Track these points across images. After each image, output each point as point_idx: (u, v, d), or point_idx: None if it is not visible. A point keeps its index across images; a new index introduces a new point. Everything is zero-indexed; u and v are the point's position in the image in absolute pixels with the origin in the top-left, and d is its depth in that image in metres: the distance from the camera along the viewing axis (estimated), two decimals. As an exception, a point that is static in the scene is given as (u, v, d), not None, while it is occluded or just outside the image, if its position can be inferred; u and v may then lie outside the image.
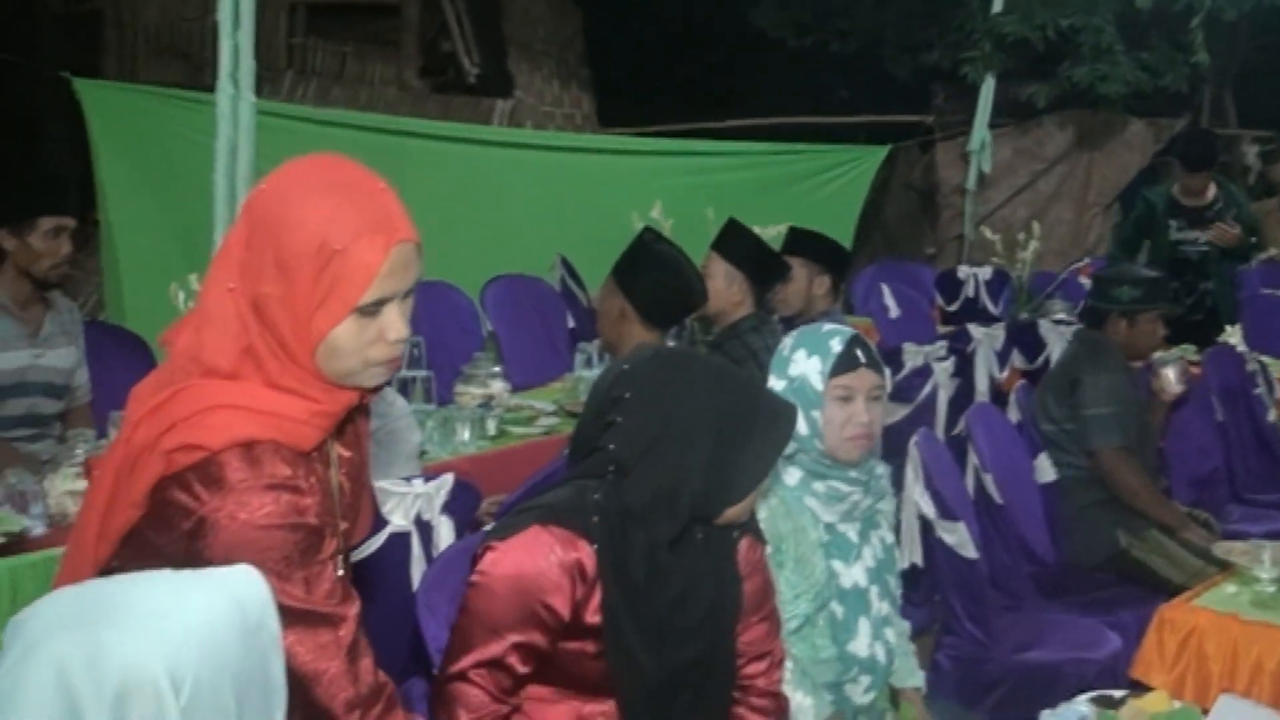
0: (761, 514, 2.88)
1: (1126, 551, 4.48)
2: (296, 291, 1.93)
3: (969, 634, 3.87)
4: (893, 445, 4.69)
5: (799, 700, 2.90)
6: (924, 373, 5.19)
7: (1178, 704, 2.69)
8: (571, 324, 6.80)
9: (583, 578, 2.38)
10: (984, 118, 9.27)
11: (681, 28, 12.37)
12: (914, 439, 3.98)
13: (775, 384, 2.98)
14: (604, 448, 2.47)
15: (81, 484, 3.76)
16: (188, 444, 1.91)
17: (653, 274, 4.05)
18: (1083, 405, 4.51)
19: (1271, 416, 5.80)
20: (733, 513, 2.49)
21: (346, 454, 2.16)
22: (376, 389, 2.09)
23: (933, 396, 5.16)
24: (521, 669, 2.40)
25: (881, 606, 3.09)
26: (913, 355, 5.34)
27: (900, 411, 4.94)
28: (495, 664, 2.37)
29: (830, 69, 11.55)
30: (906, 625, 3.25)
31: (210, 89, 4.97)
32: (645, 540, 2.42)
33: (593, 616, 2.40)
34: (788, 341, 3.07)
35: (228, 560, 1.78)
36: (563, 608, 2.37)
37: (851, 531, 3.07)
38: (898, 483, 4.19)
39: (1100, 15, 9.24)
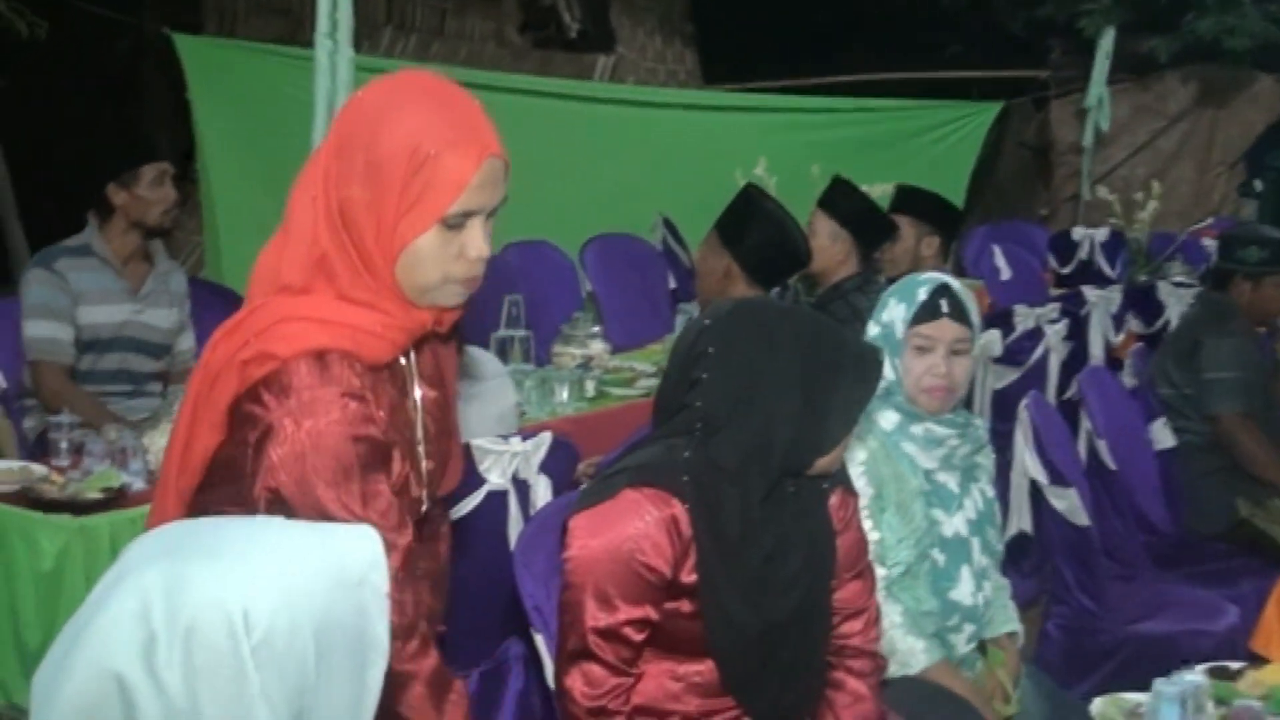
0: (860, 457, 2.92)
1: (1247, 521, 4.41)
2: (386, 195, 1.95)
3: (1079, 604, 3.85)
4: (1003, 409, 4.70)
5: (910, 644, 2.93)
6: (1035, 335, 5.14)
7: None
8: (672, 284, 6.80)
9: (678, 535, 2.40)
10: (1102, 73, 9.09)
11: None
12: (1024, 402, 3.95)
13: (870, 330, 3.02)
14: (690, 405, 2.49)
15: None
16: (260, 353, 1.94)
17: (758, 231, 4.05)
18: (1204, 369, 4.46)
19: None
20: (823, 463, 2.51)
21: (431, 393, 2.16)
22: (454, 313, 2.10)
23: (1044, 360, 5.10)
24: (637, 637, 2.42)
25: (982, 559, 3.11)
26: (1024, 318, 5.29)
27: (1010, 375, 4.90)
28: (611, 634, 2.39)
29: (941, 22, 11.39)
30: (1006, 582, 3.26)
31: (309, 45, 5.02)
32: (737, 496, 2.44)
33: (688, 575, 2.42)
34: (888, 285, 3.16)
35: (291, 469, 1.90)
36: (664, 566, 2.39)
37: (952, 482, 3.09)
38: (1007, 447, 4.18)
39: (1227, -37, 9.06)
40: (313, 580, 1.33)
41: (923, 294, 3.00)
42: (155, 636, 1.26)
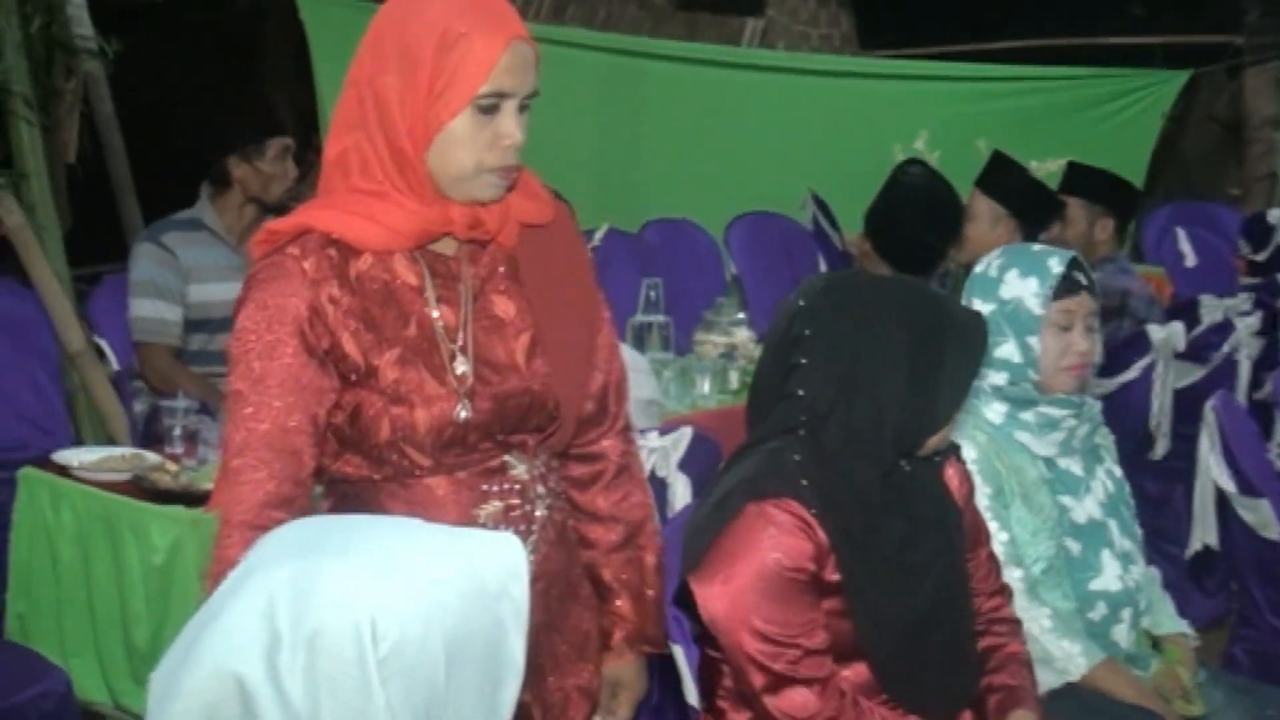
0: (972, 455, 2.91)
1: None
2: (417, 78, 2.08)
3: (1269, 626, 3.77)
4: (1186, 410, 4.62)
5: (1065, 648, 2.92)
6: (1224, 329, 5.03)
7: None
8: (823, 267, 6.78)
9: (812, 536, 2.43)
10: (1306, 38, 8.93)
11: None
12: (1210, 402, 3.89)
13: (981, 308, 2.97)
14: (792, 394, 2.51)
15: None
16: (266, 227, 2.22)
17: (896, 207, 4.04)
18: None
19: None
20: (935, 440, 2.53)
21: (507, 308, 2.26)
22: (495, 223, 2.20)
23: (1233, 357, 4.98)
24: (817, 642, 2.44)
25: (1124, 542, 3.10)
26: (1211, 309, 5.20)
27: (1195, 373, 4.81)
28: (795, 660, 2.42)
29: (1123, -18, 11.23)
30: (1156, 572, 3.24)
31: None
32: (856, 487, 2.46)
33: (831, 574, 2.46)
34: (993, 261, 3.10)
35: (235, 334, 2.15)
36: (809, 564, 2.43)
37: (1075, 465, 3.10)
38: (1190, 453, 4.12)
39: None
40: (448, 589, 1.35)
41: (1057, 266, 3.02)
42: (280, 638, 1.28)
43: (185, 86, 9.88)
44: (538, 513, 2.28)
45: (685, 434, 3.44)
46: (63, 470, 3.78)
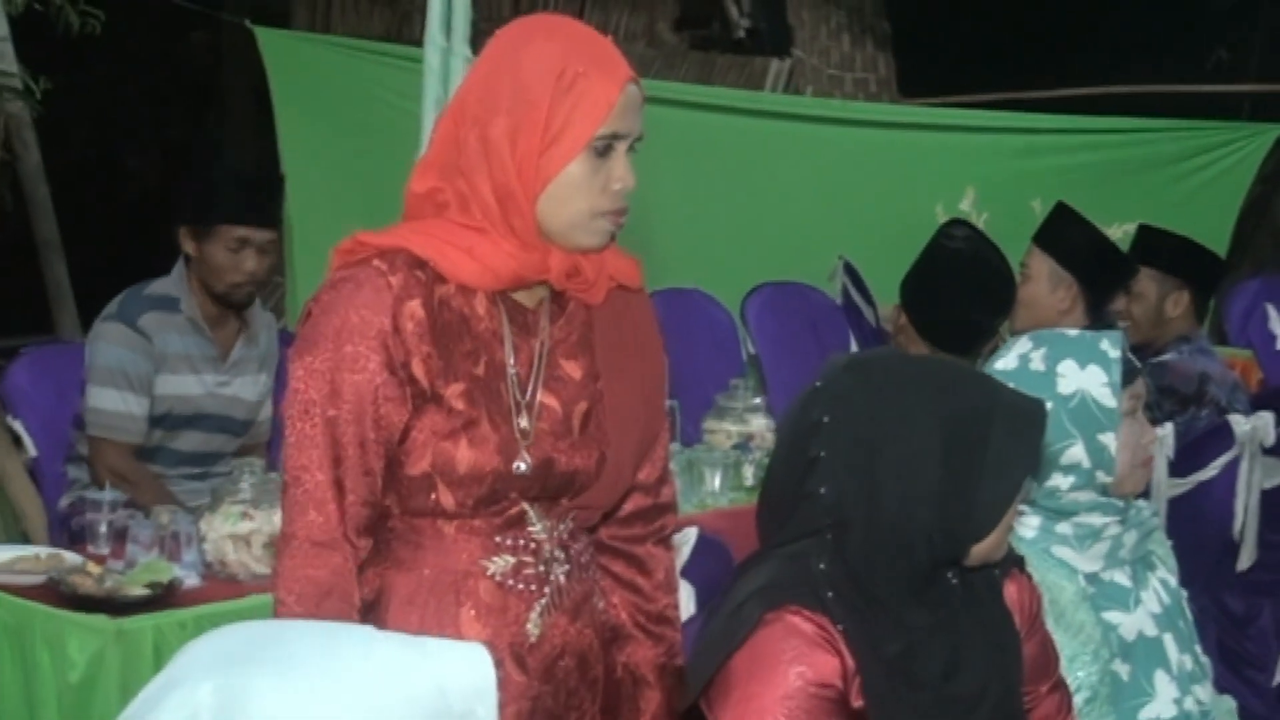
0: None
1: None
2: (533, 119, 2.27)
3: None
4: (1276, 514, 4.58)
5: None
6: (1322, 420, 5.00)
7: None
8: (855, 347, 6.76)
9: (838, 651, 2.40)
10: None
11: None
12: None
13: None
14: (812, 493, 2.47)
15: (246, 525, 3.86)
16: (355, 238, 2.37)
17: (937, 276, 4.02)
18: None
19: None
20: (983, 548, 2.48)
21: (573, 372, 2.45)
22: (593, 283, 2.40)
23: (1334, 453, 4.95)
24: None
25: (1184, 659, 3.07)
26: (1311, 398, 5.17)
27: (1284, 473, 4.77)
28: None
29: (1204, 22, 11.28)
30: (1232, 702, 3.22)
31: (418, 43, 5.09)
32: (889, 603, 2.44)
33: (857, 699, 2.42)
34: (1032, 352, 3.07)
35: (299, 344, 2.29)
36: (837, 680, 2.39)
37: (1122, 577, 3.09)
38: (1277, 562, 4.09)
39: None
40: (404, 709, 1.34)
41: (1113, 350, 3.02)
42: None
43: (131, 131, 9.92)
44: (552, 576, 2.41)
45: (691, 535, 3.41)
46: (-33, 572, 3.75)
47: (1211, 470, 4.64)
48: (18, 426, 4.68)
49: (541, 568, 2.40)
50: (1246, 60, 11.02)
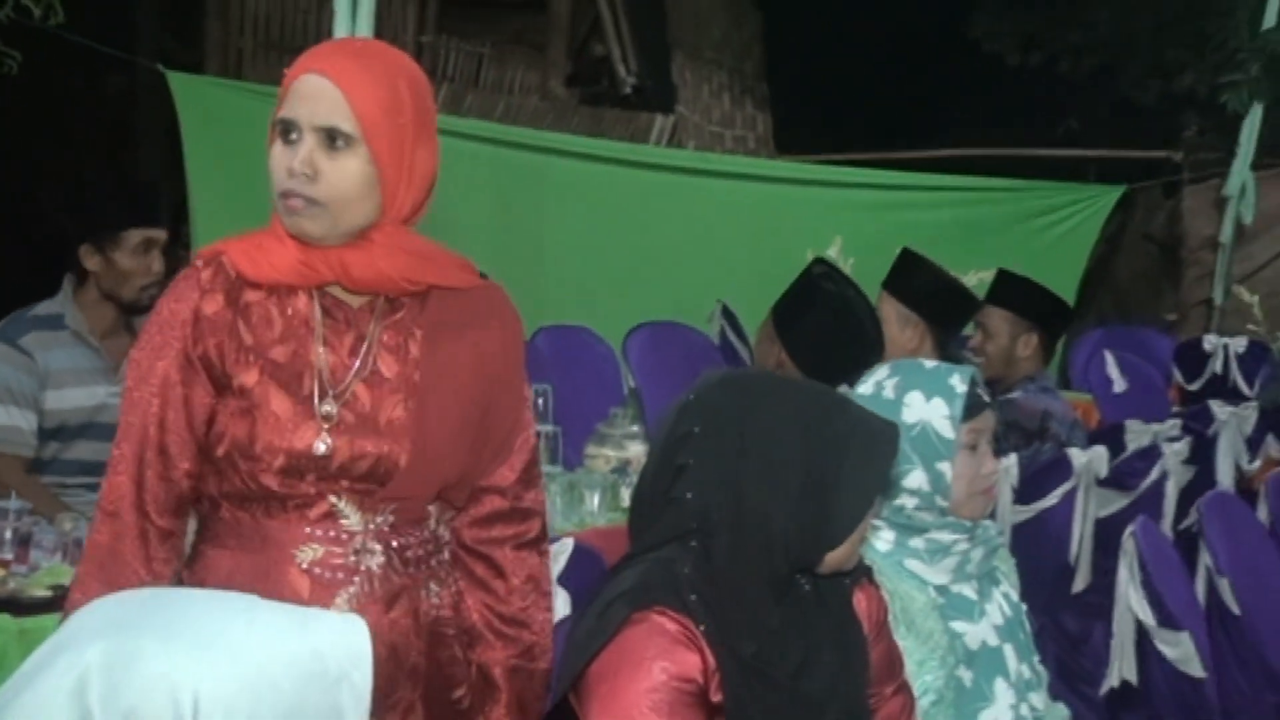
0: None
1: None
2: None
3: (1189, 771, 3.82)
4: (1109, 541, 4.67)
5: None
6: (1150, 456, 5.08)
7: None
8: (732, 379, 6.80)
9: (699, 649, 2.41)
10: (1247, 157, 9.03)
11: (879, 38, 12.34)
12: (1130, 528, 3.95)
13: None
14: (679, 499, 2.49)
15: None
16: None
17: (815, 317, 4.07)
18: None
19: None
20: (835, 558, 2.51)
21: (393, 368, 2.45)
22: (370, 277, 2.40)
23: (1160, 485, 5.05)
24: None
25: (1022, 668, 3.11)
26: (1137, 435, 5.26)
27: (1118, 501, 4.86)
28: None
29: (1057, 92, 11.46)
30: (1066, 711, 3.24)
31: None
32: (747, 605, 2.45)
33: (715, 694, 2.43)
34: (886, 380, 3.09)
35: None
36: (697, 675, 2.40)
37: (968, 590, 3.11)
38: (1112, 586, 4.17)
39: (1401, 34, 9.05)
40: (280, 669, 1.36)
41: (960, 385, 3.03)
42: (90, 718, 1.29)
43: (48, 170, 9.84)
44: (363, 566, 2.41)
45: (567, 545, 3.44)
46: None
47: (1051, 499, 4.70)
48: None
49: (352, 558, 2.40)
50: (1094, 129, 11.21)
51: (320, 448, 2.35)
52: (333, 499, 2.39)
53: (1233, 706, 4.06)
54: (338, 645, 1.43)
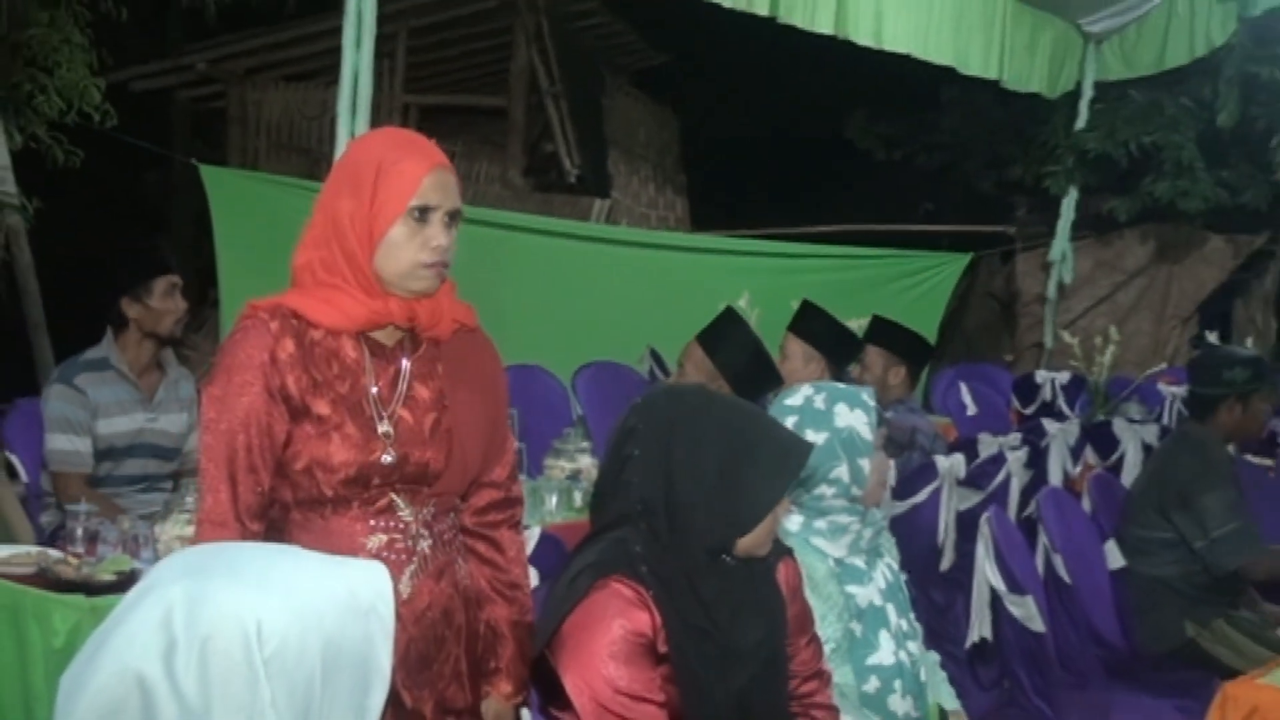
0: None
1: (1194, 641, 4.42)
2: (362, 198, 2.34)
3: (1035, 708, 3.84)
4: (966, 529, 4.72)
5: None
6: (998, 460, 5.15)
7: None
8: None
9: (650, 610, 2.45)
10: (1065, 230, 9.17)
11: (774, 137, 12.46)
12: (985, 516, 3.99)
13: (814, 437, 3.00)
14: (627, 483, 2.54)
15: (190, 529, 3.85)
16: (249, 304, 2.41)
17: (737, 342, 4.10)
18: (1211, 528, 4.40)
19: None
20: (746, 544, 2.54)
21: (424, 393, 2.47)
22: (437, 322, 2.45)
23: (1006, 484, 5.10)
24: (662, 698, 2.47)
25: (901, 623, 3.14)
26: (987, 445, 5.31)
27: (974, 497, 4.90)
28: (652, 706, 2.43)
29: (916, 180, 11.58)
30: (937, 656, 3.29)
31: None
32: (686, 574, 2.49)
33: (663, 645, 2.47)
34: (815, 395, 3.13)
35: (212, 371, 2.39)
36: (649, 630, 2.45)
37: (859, 561, 3.14)
38: (969, 566, 4.21)
39: (1182, 133, 9.18)
40: (324, 603, 1.37)
41: (871, 400, 3.13)
42: (175, 642, 1.29)
43: (97, 244, 9.76)
44: (418, 548, 2.45)
45: (535, 533, 3.48)
46: (-26, 566, 3.68)
47: (921, 496, 4.73)
48: (14, 459, 4.60)
49: (409, 542, 2.44)
50: (945, 210, 11.31)
51: (387, 459, 2.39)
52: (392, 496, 2.43)
53: (1065, 656, 4.11)
54: (367, 583, 1.45)
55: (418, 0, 9.42)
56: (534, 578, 3.35)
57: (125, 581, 3.58)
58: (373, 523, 2.42)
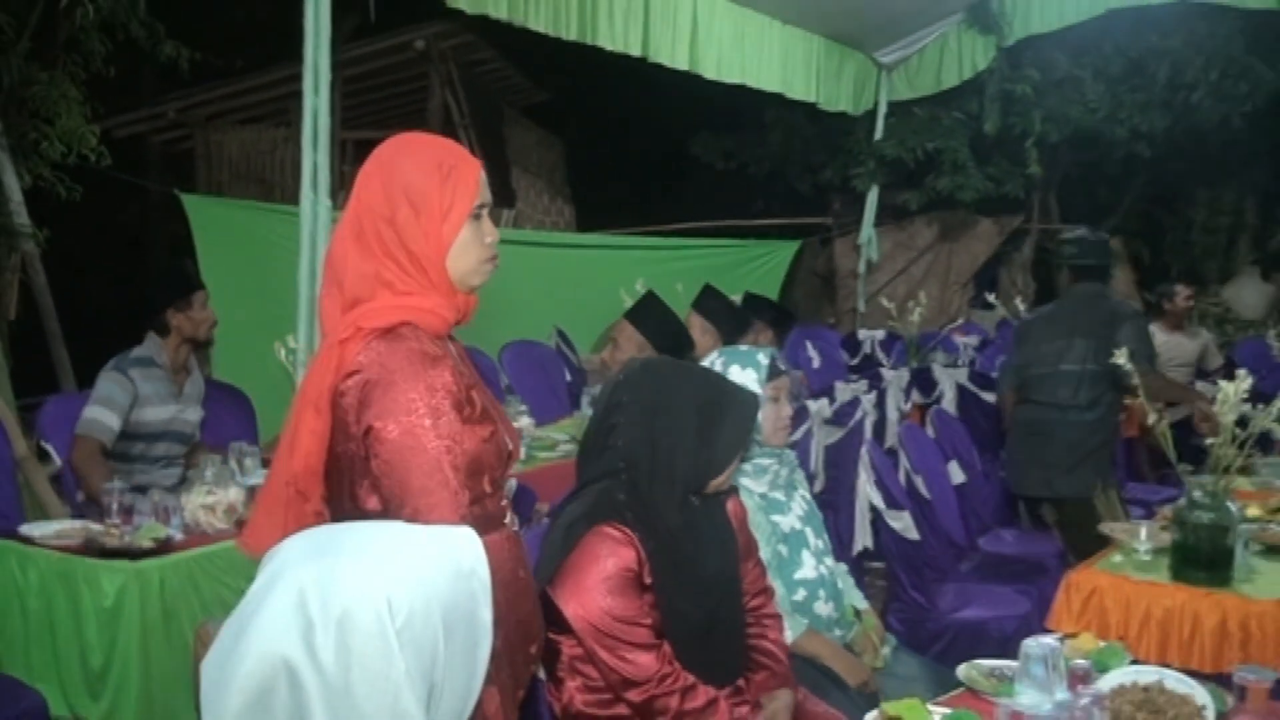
0: None
1: (1094, 492, 4.33)
2: (429, 206, 1.96)
3: (912, 599, 3.78)
4: (833, 459, 4.64)
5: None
6: (854, 405, 5.08)
7: (1103, 643, 2.61)
8: (568, 378, 6.73)
9: (636, 550, 2.35)
10: (870, 219, 9.29)
11: (638, 155, 12.41)
12: (863, 447, 3.91)
13: None
14: (612, 447, 2.42)
15: (211, 498, 3.63)
16: (354, 329, 1.92)
17: (661, 316, 4.00)
18: (1128, 341, 4.14)
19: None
20: (717, 482, 2.47)
21: (464, 375, 2.05)
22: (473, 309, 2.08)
23: (861, 422, 5.05)
24: (650, 621, 2.35)
25: (818, 543, 3.06)
26: (843, 391, 5.28)
27: (837, 433, 4.84)
28: (644, 639, 2.33)
29: (749, 185, 11.59)
30: (844, 566, 3.22)
31: (282, 203, 4.84)
32: (661, 516, 2.39)
33: (647, 578, 2.37)
34: (717, 359, 3.03)
35: (386, 409, 1.83)
36: (636, 566, 2.35)
37: (779, 494, 3.06)
38: (838, 489, 4.13)
39: (957, 139, 9.32)
40: (438, 572, 1.20)
41: (764, 359, 2.99)
42: (312, 623, 1.11)
43: (93, 265, 9.34)
44: (516, 524, 2.16)
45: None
46: (28, 540, 3.40)
47: (797, 435, 4.67)
48: (49, 447, 4.29)
49: (514, 519, 2.13)
50: (775, 208, 11.33)
51: (509, 444, 2.08)
52: (510, 480, 2.15)
53: (931, 558, 4.06)
54: (463, 548, 1.28)
55: (352, 54, 9.06)
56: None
57: (163, 547, 3.34)
58: (504, 504, 2.10)
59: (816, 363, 7.15)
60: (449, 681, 1.17)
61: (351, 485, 1.93)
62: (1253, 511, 3.58)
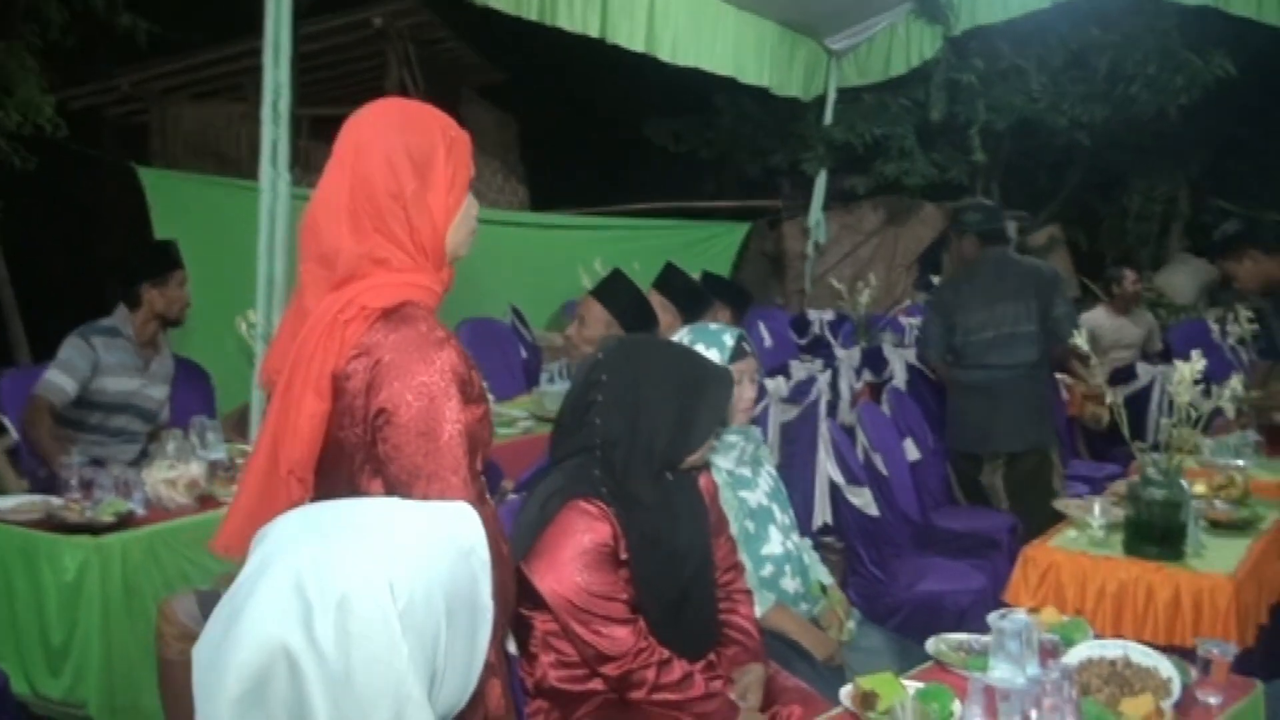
0: None
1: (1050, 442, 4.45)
2: (435, 177, 1.83)
3: (871, 574, 3.76)
4: (790, 435, 4.61)
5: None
6: (809, 383, 5.07)
7: (1065, 617, 2.60)
8: (523, 355, 6.66)
9: (611, 525, 2.29)
10: (818, 202, 9.22)
11: (589, 136, 12.29)
12: (823, 426, 3.88)
13: None
14: (590, 423, 2.36)
15: (173, 473, 3.53)
16: (358, 308, 1.78)
17: (626, 293, 3.94)
18: (1066, 308, 4.52)
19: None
20: (693, 458, 2.42)
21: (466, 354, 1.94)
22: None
23: (817, 400, 5.02)
24: (626, 596, 2.29)
25: (784, 519, 3.03)
26: (798, 370, 5.25)
27: (793, 411, 4.81)
28: (619, 614, 2.27)
29: (700, 167, 11.54)
30: (808, 541, 3.19)
31: (236, 178, 4.71)
32: (637, 492, 2.33)
33: (623, 553, 2.31)
34: (684, 337, 2.96)
35: (397, 392, 1.71)
36: (611, 541, 2.29)
37: (746, 471, 3.02)
38: (792, 465, 4.09)
39: (903, 126, 9.32)
40: (438, 552, 1.12)
41: (730, 340, 2.91)
42: (311, 607, 1.02)
43: (49, 237, 9.10)
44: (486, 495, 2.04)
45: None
46: (-15, 515, 3.28)
47: (755, 411, 4.62)
48: (5, 420, 4.14)
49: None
50: (726, 190, 11.30)
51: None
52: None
53: (889, 534, 4.04)
54: (461, 526, 1.20)
55: (310, 30, 8.86)
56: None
57: (123, 521, 3.24)
58: (483, 479, 1.96)
59: (768, 342, 7.13)
60: (451, 665, 1.10)
61: (351, 471, 1.82)
62: (1199, 489, 3.60)
